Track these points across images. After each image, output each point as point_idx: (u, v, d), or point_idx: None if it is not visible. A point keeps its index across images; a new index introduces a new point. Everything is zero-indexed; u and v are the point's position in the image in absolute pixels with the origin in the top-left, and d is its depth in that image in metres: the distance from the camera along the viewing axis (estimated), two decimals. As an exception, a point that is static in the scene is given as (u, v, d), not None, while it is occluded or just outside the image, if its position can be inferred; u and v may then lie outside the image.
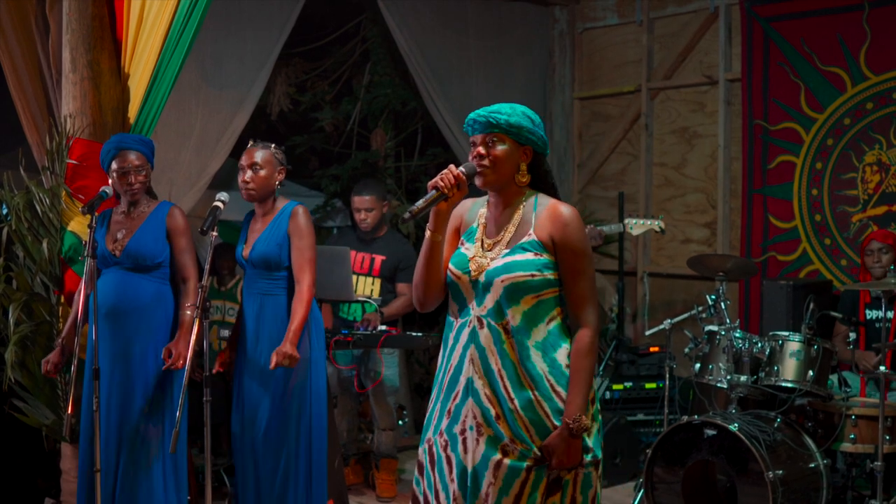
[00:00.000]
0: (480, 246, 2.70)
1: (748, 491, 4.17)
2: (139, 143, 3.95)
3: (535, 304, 2.61)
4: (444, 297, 2.77)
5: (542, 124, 2.72)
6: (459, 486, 2.65)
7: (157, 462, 3.87)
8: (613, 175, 6.91)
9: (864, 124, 5.55)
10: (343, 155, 6.82)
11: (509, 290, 2.59)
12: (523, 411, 2.58)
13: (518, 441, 2.59)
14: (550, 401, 2.59)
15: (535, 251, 2.61)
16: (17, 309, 4.24)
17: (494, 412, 2.61)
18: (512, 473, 2.59)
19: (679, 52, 6.42)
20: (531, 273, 2.59)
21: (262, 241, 3.92)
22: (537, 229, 2.63)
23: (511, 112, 2.64)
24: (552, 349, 2.61)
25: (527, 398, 2.58)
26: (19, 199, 4.32)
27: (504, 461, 2.59)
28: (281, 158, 4.00)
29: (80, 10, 4.27)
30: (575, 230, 2.61)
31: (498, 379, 2.61)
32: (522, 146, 2.66)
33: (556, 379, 2.59)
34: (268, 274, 3.93)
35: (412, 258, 5.20)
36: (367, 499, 5.05)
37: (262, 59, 5.48)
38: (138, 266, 3.90)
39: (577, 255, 2.61)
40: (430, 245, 2.69)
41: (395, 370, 5.11)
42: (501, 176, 2.66)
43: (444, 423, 2.70)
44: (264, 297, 3.94)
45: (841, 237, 5.66)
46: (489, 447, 2.61)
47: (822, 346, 4.46)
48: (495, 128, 2.63)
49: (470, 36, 6.52)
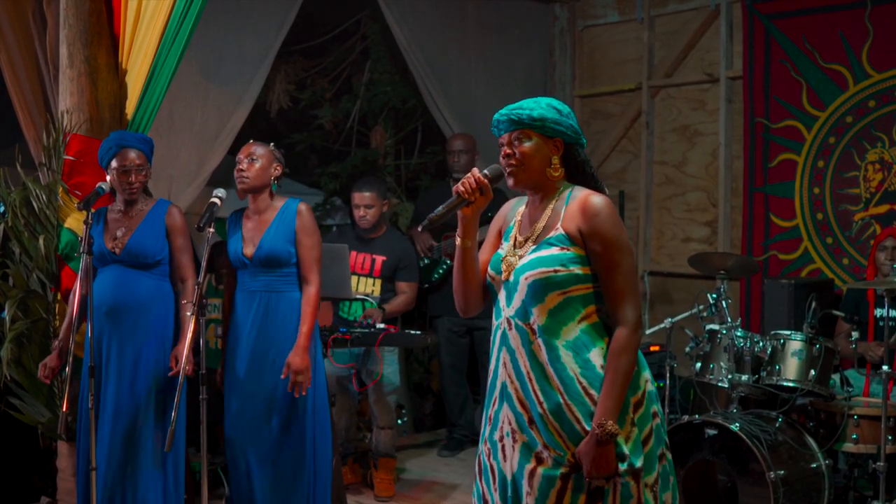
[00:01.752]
0: (513, 244, 2.59)
1: (749, 491, 4.14)
2: (140, 141, 3.93)
3: (563, 302, 2.46)
4: (486, 301, 2.67)
5: (572, 114, 2.59)
6: (501, 496, 2.55)
7: (154, 460, 3.84)
8: (614, 173, 6.88)
9: (867, 122, 5.52)
10: (343, 153, 6.80)
11: (533, 288, 2.47)
12: (553, 416, 2.44)
13: (551, 447, 2.45)
14: (582, 405, 2.43)
15: (561, 245, 2.48)
16: (13, 306, 4.21)
17: (527, 417, 2.48)
18: (546, 483, 2.45)
19: (680, 49, 6.40)
20: (554, 269, 2.45)
21: (269, 240, 3.89)
22: (565, 222, 2.49)
23: (534, 105, 2.52)
24: (585, 349, 2.45)
25: (556, 402, 2.44)
26: (16, 195, 4.29)
27: (538, 469, 2.46)
28: (279, 156, 3.99)
29: (77, 5, 4.25)
30: (604, 220, 2.44)
31: (527, 382, 2.48)
32: (551, 139, 2.54)
33: (589, 381, 2.43)
34: (275, 271, 3.91)
35: (412, 257, 5.19)
36: (365, 498, 5.02)
37: (261, 55, 5.46)
38: (138, 263, 3.88)
39: (609, 246, 2.43)
40: (461, 252, 2.61)
41: (395, 368, 5.09)
42: (532, 173, 2.54)
43: (487, 431, 2.60)
44: (272, 294, 3.91)
45: (843, 236, 5.63)
46: (523, 454, 2.49)
47: (824, 346, 4.43)
48: (519, 124, 2.52)
49: (470, 33, 6.50)
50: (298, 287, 3.92)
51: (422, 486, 5.22)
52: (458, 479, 5.31)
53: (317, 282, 3.87)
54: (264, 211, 3.95)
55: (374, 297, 4.98)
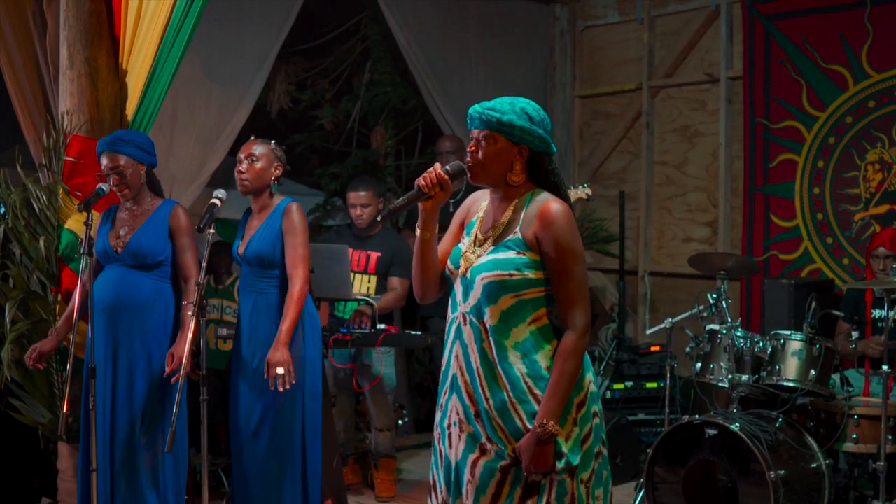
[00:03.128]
0: (473, 241, 2.66)
1: (749, 491, 4.14)
2: (125, 143, 3.87)
3: (515, 304, 2.53)
4: (443, 290, 2.74)
5: (546, 120, 2.60)
6: (444, 480, 2.66)
7: (154, 461, 3.84)
8: (614, 174, 6.88)
9: (866, 122, 5.52)
10: (343, 153, 6.81)
11: (488, 289, 2.54)
12: (497, 413, 2.53)
13: (493, 441, 2.55)
14: (526, 403, 2.51)
15: (517, 249, 2.54)
16: (13, 307, 4.22)
17: (473, 410, 2.58)
18: (487, 473, 2.55)
19: (680, 50, 6.40)
20: (509, 272, 2.52)
21: (256, 239, 3.89)
22: (523, 227, 2.55)
23: (507, 109, 2.55)
24: (533, 351, 2.53)
25: (501, 399, 2.53)
26: (16, 196, 4.30)
27: (480, 460, 2.56)
28: (280, 155, 3.97)
29: (77, 6, 4.25)
30: (560, 228, 2.50)
31: (476, 377, 2.56)
32: (517, 145, 2.57)
33: (534, 381, 2.52)
34: (262, 272, 3.91)
35: (405, 253, 5.19)
36: (365, 498, 5.03)
37: (262, 56, 5.47)
38: (139, 264, 3.87)
39: (563, 253, 2.50)
40: (420, 243, 2.67)
41: (393, 369, 5.09)
42: (490, 174, 2.59)
43: (438, 417, 2.70)
44: (258, 295, 3.92)
45: (843, 236, 5.63)
46: (468, 445, 2.59)
47: (824, 346, 4.43)
48: (487, 125, 2.55)
49: (470, 34, 6.50)
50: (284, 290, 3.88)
51: (422, 487, 5.22)
52: (458, 480, 5.30)
53: (301, 280, 3.81)
54: (261, 210, 3.96)
55: (373, 297, 4.98)
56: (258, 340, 3.88)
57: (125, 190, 3.88)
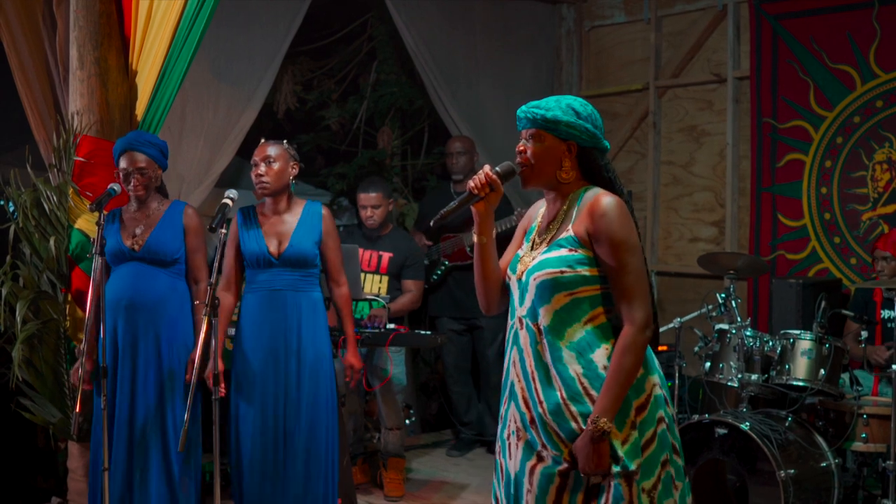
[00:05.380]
0: (531, 246, 2.60)
1: (759, 490, 4.14)
2: (148, 145, 3.93)
3: (570, 303, 2.46)
4: (507, 300, 2.67)
5: (594, 115, 2.55)
6: (505, 494, 2.58)
7: (167, 460, 3.85)
8: (621, 173, 6.87)
9: (874, 122, 5.52)
10: (349, 153, 6.81)
11: (540, 289, 2.47)
12: (552, 415, 2.45)
13: (548, 447, 2.47)
14: (580, 404, 2.42)
15: (569, 247, 2.48)
16: (24, 307, 4.21)
17: (529, 416, 2.50)
18: (545, 480, 2.47)
19: (687, 50, 6.39)
20: (561, 269, 2.45)
21: (298, 240, 3.93)
22: (575, 224, 2.48)
23: (552, 106, 2.51)
24: (589, 350, 2.44)
25: (555, 402, 2.45)
26: (26, 196, 4.30)
27: (537, 467, 2.49)
28: (294, 154, 4.01)
29: (87, 6, 4.25)
30: (612, 220, 2.42)
31: (531, 382, 2.49)
32: (565, 141, 2.52)
33: (590, 381, 2.43)
34: (301, 272, 3.96)
35: (418, 255, 5.21)
36: (374, 498, 5.03)
37: (269, 57, 5.47)
38: (157, 261, 3.91)
39: (616, 247, 2.42)
40: (477, 248, 2.63)
41: (403, 368, 5.11)
42: (541, 175, 2.54)
43: (499, 429, 2.64)
44: (297, 293, 3.94)
45: (850, 235, 5.63)
46: (525, 453, 2.52)
47: (834, 345, 4.44)
48: (533, 123, 2.52)
49: (477, 34, 6.50)
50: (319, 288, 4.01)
51: (431, 486, 5.22)
52: (467, 479, 5.32)
53: (347, 282, 4.05)
54: (286, 211, 3.99)
55: (382, 297, 4.98)
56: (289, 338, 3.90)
57: (141, 191, 3.91)
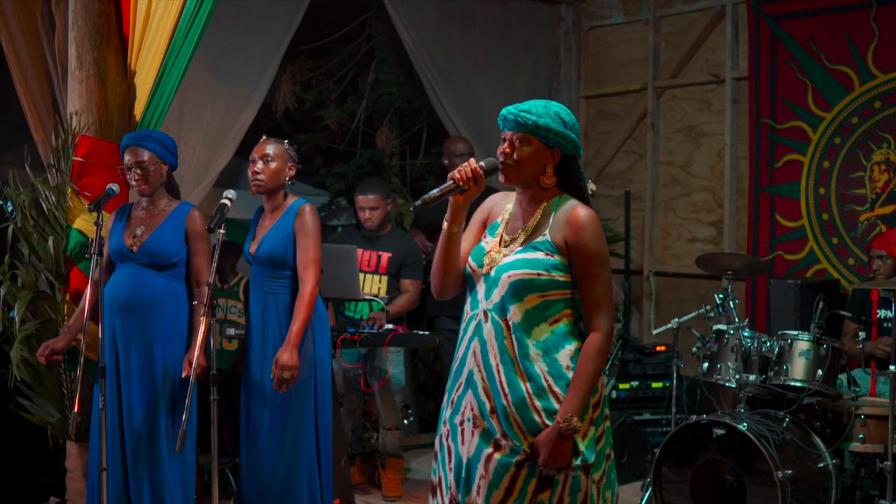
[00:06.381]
0: (499, 241, 2.70)
1: (757, 491, 4.15)
2: (151, 140, 3.92)
3: (540, 304, 2.60)
4: (461, 287, 2.78)
5: (577, 125, 2.68)
6: (455, 477, 2.69)
7: (164, 461, 3.85)
8: (619, 174, 6.89)
9: (872, 123, 5.52)
10: (348, 153, 6.81)
11: (514, 287, 2.59)
12: (515, 408, 2.58)
13: (508, 437, 2.59)
14: (545, 400, 2.58)
15: (546, 251, 2.61)
16: (22, 307, 4.22)
17: (489, 406, 2.62)
18: (501, 468, 2.59)
19: (686, 50, 6.40)
20: (538, 272, 2.59)
21: (268, 239, 3.90)
22: (552, 230, 2.62)
23: (542, 113, 2.61)
24: (554, 349, 2.60)
25: (520, 395, 2.58)
26: (25, 196, 4.30)
27: (494, 455, 2.61)
28: (293, 154, 4.00)
29: (86, 6, 4.25)
30: (589, 234, 2.59)
31: (495, 374, 2.61)
32: (550, 148, 2.64)
33: (554, 379, 2.58)
34: (273, 272, 3.92)
35: (417, 255, 5.20)
36: (373, 498, 5.03)
37: (268, 56, 5.47)
38: (154, 263, 3.89)
39: (591, 258, 2.59)
40: (446, 236, 2.70)
41: (401, 368, 5.10)
42: (524, 176, 2.65)
43: (448, 413, 2.73)
44: (268, 295, 3.93)
45: (848, 236, 5.64)
46: (482, 440, 2.63)
47: (832, 346, 4.44)
48: (523, 128, 2.61)
49: (476, 34, 6.50)
50: (295, 290, 3.89)
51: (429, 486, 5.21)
52: (464, 479, 5.31)
53: (312, 281, 3.82)
54: (275, 210, 3.97)
55: (381, 297, 4.98)
56: (269, 341, 3.89)
57: (144, 186, 3.88)
